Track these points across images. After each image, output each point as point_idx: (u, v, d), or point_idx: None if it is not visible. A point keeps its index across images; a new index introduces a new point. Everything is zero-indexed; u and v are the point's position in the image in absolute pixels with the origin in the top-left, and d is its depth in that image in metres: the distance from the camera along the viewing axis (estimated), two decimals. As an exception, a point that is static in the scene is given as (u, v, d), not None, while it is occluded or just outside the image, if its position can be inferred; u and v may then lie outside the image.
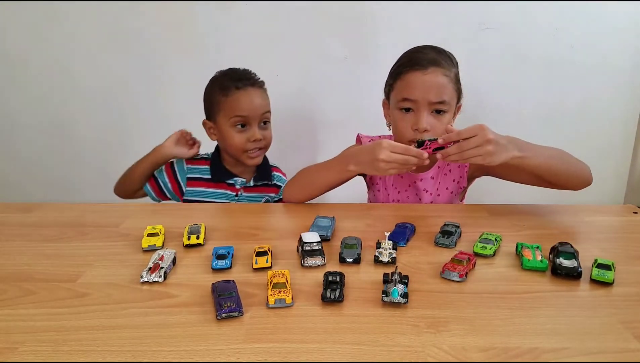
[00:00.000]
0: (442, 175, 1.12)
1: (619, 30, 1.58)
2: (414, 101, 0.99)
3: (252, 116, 1.16)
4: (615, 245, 0.81)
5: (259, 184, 1.27)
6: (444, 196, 1.12)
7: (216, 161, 1.25)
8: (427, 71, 0.97)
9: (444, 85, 0.98)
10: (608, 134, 1.71)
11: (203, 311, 0.58)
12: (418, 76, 0.98)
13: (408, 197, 1.13)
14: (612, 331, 0.54)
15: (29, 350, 0.51)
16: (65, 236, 0.82)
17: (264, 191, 1.28)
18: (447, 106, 0.99)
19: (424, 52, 1.02)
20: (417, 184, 1.11)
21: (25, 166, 1.78)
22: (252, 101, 1.16)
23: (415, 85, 0.98)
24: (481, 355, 0.49)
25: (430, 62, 0.98)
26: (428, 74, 0.97)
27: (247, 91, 1.16)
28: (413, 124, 0.99)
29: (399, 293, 0.58)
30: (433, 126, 0.99)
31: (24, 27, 1.60)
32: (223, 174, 1.24)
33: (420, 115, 0.98)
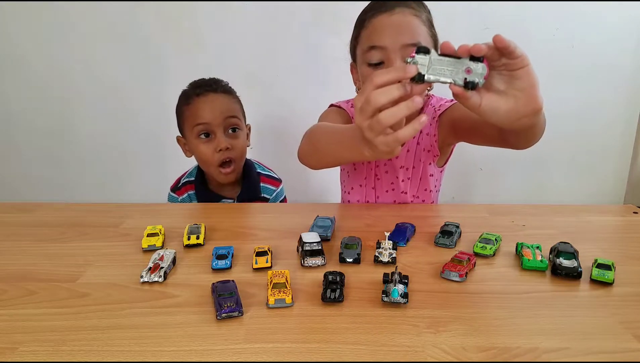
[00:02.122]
0: (415, 143, 1.03)
1: (619, 30, 1.58)
2: (382, 48, 0.84)
3: (215, 122, 1.08)
4: (616, 245, 0.81)
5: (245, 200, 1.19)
6: (418, 168, 1.05)
7: (199, 185, 1.18)
8: (394, 11, 0.84)
9: (416, 25, 0.85)
10: (608, 134, 1.71)
11: (203, 312, 0.58)
12: (384, 18, 0.84)
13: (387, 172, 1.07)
14: (612, 331, 0.54)
15: (29, 350, 0.51)
16: (65, 236, 0.82)
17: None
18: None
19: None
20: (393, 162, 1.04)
21: (25, 166, 1.78)
22: (212, 106, 1.08)
23: (382, 28, 0.84)
24: (481, 355, 0.49)
25: (396, 4, 0.86)
26: (395, 14, 0.84)
27: (207, 96, 1.09)
28: None
29: (399, 293, 0.58)
30: None
31: (23, 28, 1.61)
32: (208, 197, 1.17)
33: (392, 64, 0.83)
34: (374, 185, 1.11)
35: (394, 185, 1.10)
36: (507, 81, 0.57)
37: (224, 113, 1.09)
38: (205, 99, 1.09)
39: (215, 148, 1.08)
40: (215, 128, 1.09)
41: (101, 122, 1.72)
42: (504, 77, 0.57)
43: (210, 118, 1.08)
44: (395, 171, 1.08)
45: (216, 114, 1.08)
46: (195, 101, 1.09)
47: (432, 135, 1.04)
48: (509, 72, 0.56)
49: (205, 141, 1.10)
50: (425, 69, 0.55)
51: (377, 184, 1.11)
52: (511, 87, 0.56)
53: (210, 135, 1.10)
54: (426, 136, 1.05)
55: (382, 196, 1.11)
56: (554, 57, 1.60)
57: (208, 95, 1.09)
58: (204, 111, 1.08)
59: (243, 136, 1.14)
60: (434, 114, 1.02)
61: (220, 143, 1.08)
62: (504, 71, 0.57)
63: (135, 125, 1.73)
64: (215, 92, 1.10)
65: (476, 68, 0.55)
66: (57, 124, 1.72)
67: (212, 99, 1.09)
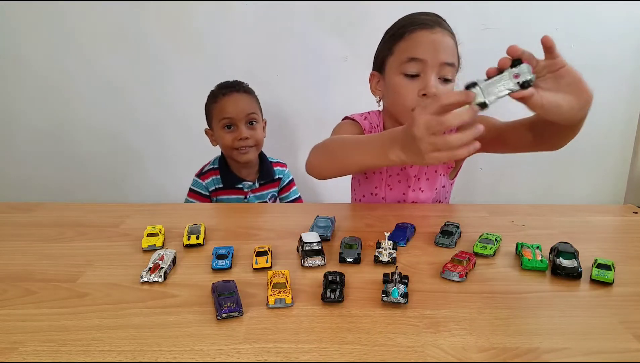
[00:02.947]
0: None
1: (619, 30, 1.58)
2: (422, 61, 0.88)
3: (237, 117, 1.31)
4: (616, 244, 0.81)
5: (263, 183, 1.42)
6: (432, 179, 1.06)
7: (224, 169, 1.39)
8: (435, 30, 0.89)
9: (452, 46, 0.91)
10: (608, 134, 1.71)
11: (203, 311, 0.58)
12: (427, 34, 0.88)
13: (399, 181, 1.07)
14: (612, 331, 0.54)
15: (29, 350, 0.51)
16: (65, 236, 0.82)
17: (269, 188, 1.43)
18: (454, 73, 0.92)
19: (425, 15, 0.94)
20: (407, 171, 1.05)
21: (25, 166, 1.78)
22: (236, 103, 1.32)
23: (423, 43, 0.88)
24: (481, 355, 0.49)
25: (436, 23, 0.90)
26: (437, 33, 0.88)
27: (232, 95, 1.33)
28: (421, 88, 0.89)
29: (399, 293, 0.58)
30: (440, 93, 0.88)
31: (24, 28, 1.61)
32: (232, 179, 1.38)
33: (429, 77, 0.87)
34: (384, 195, 1.09)
35: (405, 196, 1.08)
36: (554, 81, 0.63)
37: (245, 110, 1.32)
38: (230, 98, 1.32)
39: (236, 137, 1.32)
40: (238, 121, 1.32)
41: (101, 122, 1.72)
42: (549, 80, 0.63)
43: (234, 113, 1.32)
44: (409, 181, 1.06)
45: (239, 110, 1.32)
46: (221, 99, 1.33)
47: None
48: (553, 73, 0.64)
49: (228, 131, 1.33)
50: (483, 96, 0.60)
51: (387, 194, 1.09)
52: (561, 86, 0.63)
53: (233, 127, 1.33)
54: None
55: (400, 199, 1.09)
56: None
57: (232, 94, 1.33)
58: (229, 107, 1.32)
59: (260, 128, 1.37)
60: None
61: (241, 133, 1.31)
62: (548, 73, 0.63)
63: (136, 125, 1.73)
64: (238, 92, 1.34)
65: (521, 69, 0.61)
66: (57, 124, 1.72)
67: (235, 98, 1.33)
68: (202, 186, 1.39)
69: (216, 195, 1.40)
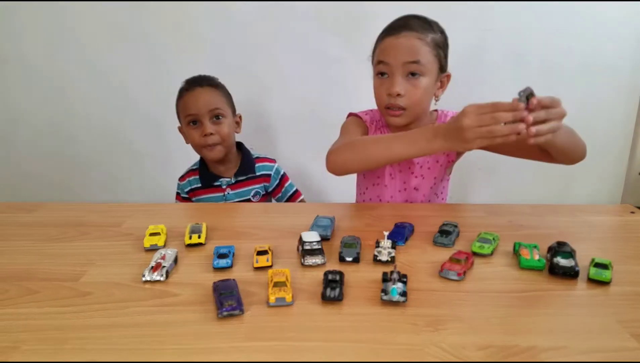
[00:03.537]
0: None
1: (619, 30, 1.59)
2: (387, 64, 1.00)
3: (201, 112, 1.26)
4: (613, 244, 0.81)
5: (242, 179, 1.34)
6: (434, 169, 1.11)
7: (202, 168, 1.35)
8: (399, 35, 0.99)
9: (417, 47, 0.98)
10: (606, 134, 1.72)
11: (204, 310, 0.58)
12: (391, 40, 1.00)
13: (401, 171, 1.12)
14: (609, 330, 0.54)
15: (31, 349, 0.51)
16: (67, 235, 0.83)
17: (251, 185, 1.35)
18: (423, 68, 0.99)
19: (402, 19, 1.03)
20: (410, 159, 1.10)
21: (27, 166, 1.78)
22: (198, 99, 1.26)
23: (387, 48, 1.00)
24: (479, 354, 0.50)
25: (403, 27, 1.00)
26: (401, 38, 0.99)
27: (195, 90, 1.27)
28: (386, 88, 1.01)
29: (398, 291, 0.58)
30: (407, 91, 0.99)
31: (25, 28, 1.61)
32: (209, 178, 1.34)
33: (394, 78, 0.99)
34: (386, 183, 1.14)
35: (406, 184, 1.13)
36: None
37: (208, 104, 1.27)
38: (193, 93, 1.27)
39: (201, 133, 1.26)
40: (201, 117, 1.26)
41: (102, 122, 1.72)
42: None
43: (196, 109, 1.26)
44: (411, 168, 1.11)
45: (200, 105, 1.26)
46: (185, 95, 1.28)
47: None
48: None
49: (194, 127, 1.28)
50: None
51: (390, 183, 1.14)
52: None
53: (198, 123, 1.27)
54: None
55: (395, 196, 1.13)
56: (553, 57, 1.61)
57: (195, 89, 1.27)
58: (191, 103, 1.27)
59: (227, 123, 1.30)
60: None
61: (205, 129, 1.26)
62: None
63: (137, 125, 1.73)
64: (202, 86, 1.28)
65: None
66: (58, 123, 1.72)
67: (198, 93, 1.27)
68: (180, 187, 1.38)
69: (194, 195, 1.36)
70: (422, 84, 1.00)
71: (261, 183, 1.37)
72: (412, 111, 1.02)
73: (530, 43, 1.60)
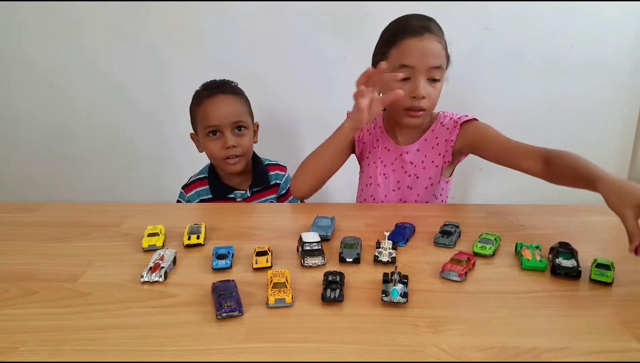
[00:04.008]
0: (429, 148, 1.11)
1: (619, 30, 1.58)
2: (411, 67, 0.99)
3: (223, 123, 1.16)
4: (615, 244, 0.81)
5: (257, 190, 1.27)
6: (429, 169, 1.11)
7: (213, 178, 1.26)
8: (423, 37, 0.98)
9: (439, 50, 0.99)
10: (607, 134, 1.71)
11: (203, 311, 0.58)
12: (415, 42, 0.98)
13: (394, 170, 1.13)
14: (611, 331, 0.54)
15: (30, 349, 0.51)
16: (67, 235, 0.82)
17: (265, 196, 1.28)
18: (441, 73, 1.01)
19: (416, 19, 1.03)
20: (403, 157, 1.11)
21: (26, 166, 1.78)
22: (220, 108, 1.16)
23: (412, 51, 0.98)
24: (480, 355, 0.50)
25: (424, 29, 0.99)
26: (425, 40, 0.98)
27: (217, 98, 1.17)
28: (411, 91, 1.00)
29: (399, 292, 0.58)
30: (429, 94, 1.01)
31: (26, 27, 1.61)
32: (222, 189, 1.24)
33: (418, 81, 0.99)
34: (379, 182, 1.14)
35: (399, 184, 1.13)
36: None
37: (231, 115, 1.17)
38: (215, 101, 1.17)
39: (222, 146, 1.17)
40: (223, 128, 1.17)
41: (102, 122, 1.72)
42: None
43: (218, 120, 1.16)
44: (404, 166, 1.11)
45: (223, 116, 1.16)
46: (205, 103, 1.17)
47: (449, 141, 1.09)
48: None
49: (214, 138, 1.18)
50: None
51: (383, 182, 1.14)
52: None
53: (219, 133, 1.18)
54: (443, 142, 1.10)
55: (389, 195, 1.13)
56: (554, 57, 1.60)
57: (217, 97, 1.17)
58: (213, 112, 1.16)
59: (249, 134, 1.22)
60: (454, 124, 1.09)
61: (227, 142, 1.16)
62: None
63: (137, 125, 1.73)
64: (224, 93, 1.18)
65: None
66: (58, 123, 1.72)
67: (221, 101, 1.17)
68: (185, 198, 1.27)
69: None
70: (439, 86, 1.03)
71: (275, 192, 1.30)
72: (429, 112, 1.05)
73: (529, 42, 1.59)
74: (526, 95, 1.64)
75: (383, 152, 1.14)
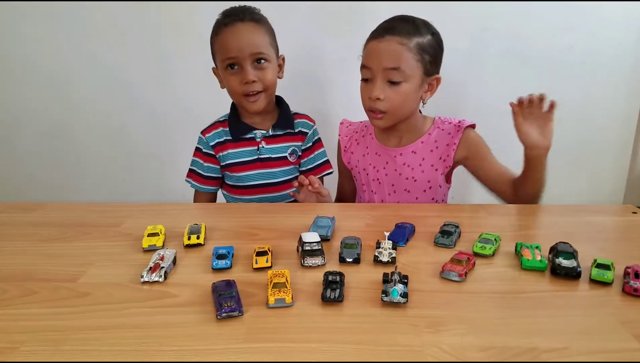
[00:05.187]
0: (428, 151, 1.10)
1: (619, 30, 1.58)
2: (369, 68, 1.00)
3: (241, 55, 1.06)
4: (615, 245, 0.81)
5: (279, 133, 1.19)
6: (428, 172, 1.10)
7: (233, 118, 1.18)
8: (382, 39, 0.98)
9: (398, 52, 0.97)
10: (607, 134, 1.71)
11: (203, 311, 0.58)
12: (374, 44, 1.00)
13: (387, 174, 1.12)
14: (611, 331, 0.54)
15: (30, 349, 0.51)
16: (66, 235, 0.82)
17: (288, 141, 1.20)
18: (403, 76, 0.99)
19: (387, 21, 1.03)
20: (397, 159, 1.11)
21: (26, 165, 1.78)
22: (239, 38, 1.05)
23: (370, 53, 1.01)
24: (480, 355, 0.49)
25: (386, 31, 0.99)
26: (383, 42, 0.98)
27: (235, 27, 1.06)
28: (368, 92, 1.01)
29: (399, 292, 0.58)
30: (387, 96, 1.00)
31: (27, 27, 1.61)
32: (241, 129, 1.17)
33: (374, 83, 1.00)
34: (373, 188, 1.15)
35: (395, 187, 1.12)
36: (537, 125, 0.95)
37: (251, 46, 1.07)
38: (233, 30, 1.06)
39: (241, 80, 1.08)
40: (242, 61, 1.07)
41: (102, 121, 1.72)
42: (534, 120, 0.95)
43: (236, 51, 1.06)
44: (398, 169, 1.11)
45: (243, 46, 1.06)
46: (223, 32, 1.07)
47: (451, 144, 1.08)
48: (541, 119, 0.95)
49: (232, 72, 1.09)
50: None
51: (377, 188, 1.14)
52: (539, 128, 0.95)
53: (237, 67, 1.08)
54: (444, 146, 1.09)
55: (385, 199, 1.14)
56: (554, 58, 1.60)
57: (235, 25, 1.06)
58: (230, 43, 1.06)
59: (272, 68, 1.12)
60: (456, 128, 1.09)
61: (246, 76, 1.07)
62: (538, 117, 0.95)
63: (138, 125, 1.73)
64: (243, 21, 1.07)
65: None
66: (57, 123, 1.72)
67: (238, 30, 1.06)
68: (203, 142, 1.19)
69: (222, 150, 1.18)
70: (403, 90, 1.00)
71: (299, 141, 1.21)
72: (392, 114, 1.03)
73: (529, 42, 1.59)
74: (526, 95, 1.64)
75: (374, 158, 1.14)
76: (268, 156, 1.18)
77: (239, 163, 1.19)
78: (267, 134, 1.18)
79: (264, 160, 1.19)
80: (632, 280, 0.62)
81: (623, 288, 0.63)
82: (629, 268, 0.65)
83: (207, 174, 1.21)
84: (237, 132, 1.17)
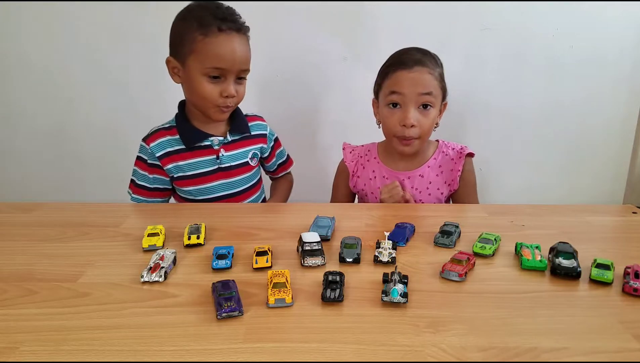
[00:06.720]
0: (434, 175, 1.13)
1: (619, 30, 1.58)
2: (401, 94, 1.04)
3: (231, 69, 1.00)
4: (615, 244, 0.81)
5: (237, 138, 1.12)
6: (434, 196, 1.13)
7: (183, 124, 1.08)
8: (412, 70, 1.04)
9: (429, 80, 1.04)
10: (607, 134, 1.71)
11: (203, 311, 0.58)
12: (404, 74, 1.04)
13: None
14: (611, 331, 0.54)
15: (30, 349, 0.51)
16: (66, 235, 0.82)
17: (247, 145, 1.14)
18: (434, 100, 1.04)
19: (410, 53, 1.08)
20: (404, 183, 1.13)
21: (26, 165, 1.78)
22: (234, 50, 0.98)
23: (402, 80, 1.04)
24: (480, 355, 0.49)
25: (415, 62, 1.04)
26: (413, 72, 1.04)
27: (231, 36, 0.98)
28: (400, 119, 1.04)
29: (399, 292, 0.58)
30: (419, 121, 1.04)
31: (26, 27, 1.61)
32: (195, 137, 1.07)
33: (407, 110, 1.04)
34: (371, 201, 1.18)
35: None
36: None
37: (242, 62, 1.02)
38: (229, 39, 0.98)
39: (221, 92, 1.01)
40: (228, 74, 1.01)
41: (102, 121, 1.72)
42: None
43: (229, 64, 0.99)
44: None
45: (235, 61, 1.00)
46: (216, 37, 0.97)
47: (456, 170, 1.13)
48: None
49: (213, 81, 1.01)
50: None
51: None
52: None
53: (220, 78, 1.01)
54: (448, 171, 1.14)
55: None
56: (553, 58, 1.60)
57: (232, 35, 0.99)
58: (225, 54, 0.98)
59: (245, 83, 1.08)
60: (458, 154, 1.14)
61: (228, 90, 1.01)
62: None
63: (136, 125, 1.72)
64: (239, 32, 1.00)
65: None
66: (57, 123, 1.72)
67: (234, 41, 0.99)
68: (148, 152, 1.08)
69: (172, 161, 1.07)
70: (432, 115, 1.06)
71: (258, 143, 1.16)
72: (422, 139, 1.08)
73: (529, 42, 1.59)
74: (526, 95, 1.64)
75: (382, 181, 1.15)
76: (229, 165, 1.11)
77: (198, 174, 1.09)
78: (226, 140, 1.10)
79: (225, 169, 1.11)
80: (632, 280, 0.62)
81: (623, 288, 0.63)
82: (629, 268, 0.65)
83: (153, 186, 1.11)
84: (190, 141, 1.07)
